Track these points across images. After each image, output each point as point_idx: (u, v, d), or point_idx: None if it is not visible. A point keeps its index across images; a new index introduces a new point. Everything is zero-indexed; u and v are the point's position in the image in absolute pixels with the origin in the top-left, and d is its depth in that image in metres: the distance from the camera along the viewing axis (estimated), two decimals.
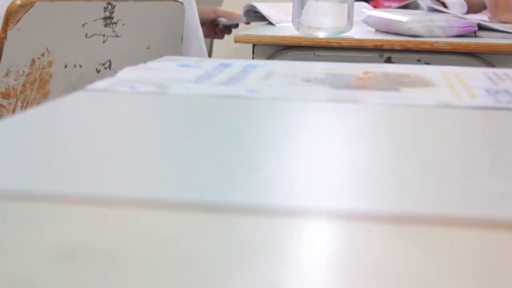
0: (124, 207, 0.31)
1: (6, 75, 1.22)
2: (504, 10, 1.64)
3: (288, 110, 0.57)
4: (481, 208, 0.33)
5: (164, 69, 0.74)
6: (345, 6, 1.45)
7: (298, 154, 0.44)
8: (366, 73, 0.77)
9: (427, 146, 0.46)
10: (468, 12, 2.19)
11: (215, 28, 2.03)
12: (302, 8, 1.46)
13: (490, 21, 1.64)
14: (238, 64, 0.78)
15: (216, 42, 3.48)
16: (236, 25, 2.04)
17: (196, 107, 0.57)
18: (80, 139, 0.45)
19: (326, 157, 0.43)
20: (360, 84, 0.71)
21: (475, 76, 0.76)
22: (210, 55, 3.62)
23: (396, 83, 0.70)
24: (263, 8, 1.74)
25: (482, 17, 1.72)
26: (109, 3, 1.33)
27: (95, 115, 0.52)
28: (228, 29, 2.08)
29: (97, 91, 0.59)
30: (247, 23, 1.99)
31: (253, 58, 1.47)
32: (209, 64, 0.78)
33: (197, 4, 1.65)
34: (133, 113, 0.54)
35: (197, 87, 0.63)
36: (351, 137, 0.49)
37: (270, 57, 1.45)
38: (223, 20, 2.01)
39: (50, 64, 1.26)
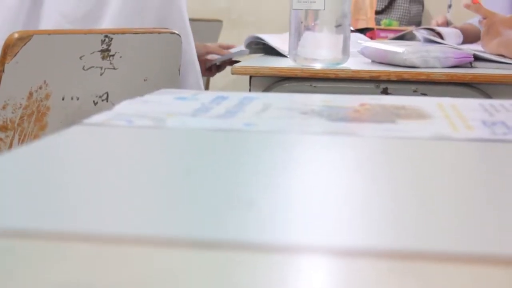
0: (119, 244, 0.31)
1: (4, 108, 1.22)
2: (494, 39, 1.65)
3: (285, 143, 0.57)
4: (479, 244, 0.32)
5: (161, 102, 0.74)
6: (342, 38, 1.46)
7: (295, 189, 0.44)
8: (362, 105, 0.77)
9: (424, 180, 0.46)
10: (464, 42, 2.21)
11: (206, 65, 2.02)
12: (299, 39, 1.47)
13: (483, 51, 1.65)
14: (235, 96, 0.78)
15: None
16: (229, 61, 2.04)
17: (193, 141, 0.57)
18: (78, 175, 0.45)
19: (323, 191, 0.43)
20: (356, 117, 0.71)
21: (471, 107, 0.76)
22: (207, 85, 3.64)
23: (393, 115, 0.70)
24: (270, 39, 1.74)
25: (477, 47, 1.73)
26: (106, 36, 1.33)
27: (92, 150, 0.52)
28: (220, 66, 2.08)
29: (95, 125, 0.59)
30: (234, 61, 1.99)
31: (250, 89, 1.48)
32: (206, 97, 0.78)
33: (194, 37, 1.66)
34: (130, 148, 0.54)
35: (194, 121, 0.64)
36: (348, 170, 0.49)
37: (267, 88, 1.46)
38: (215, 58, 2.01)
39: (47, 96, 1.26)
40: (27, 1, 1.45)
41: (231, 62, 2.05)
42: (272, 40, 1.73)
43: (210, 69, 2.03)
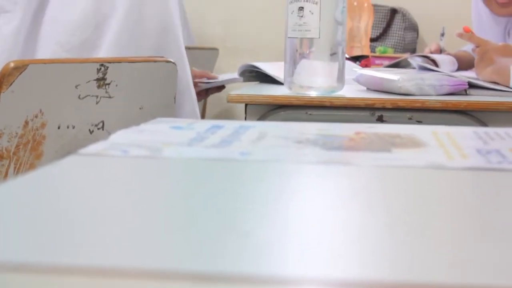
0: (114, 277, 0.31)
1: None
2: (488, 67, 1.66)
3: (280, 172, 0.57)
4: (475, 276, 0.32)
5: (156, 131, 0.74)
6: (337, 65, 1.47)
7: (291, 219, 0.44)
8: (357, 133, 0.77)
9: (420, 210, 0.46)
10: (458, 68, 2.22)
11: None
12: (294, 67, 1.47)
13: (478, 78, 1.66)
14: (230, 125, 0.79)
15: (209, 100, 3.50)
16: (218, 87, 2.05)
17: (189, 171, 0.57)
18: (74, 207, 0.45)
19: (318, 222, 0.43)
20: (351, 145, 0.71)
21: (466, 136, 0.76)
22: (203, 113, 3.64)
23: (388, 143, 0.71)
24: (264, 67, 1.74)
25: (472, 74, 1.74)
26: (102, 65, 1.34)
27: (88, 181, 0.52)
28: (208, 92, 2.08)
29: (90, 156, 0.59)
30: (221, 88, 2.00)
31: (245, 117, 1.48)
32: (201, 126, 0.78)
33: (191, 63, 1.66)
34: (126, 179, 0.54)
35: (190, 150, 0.64)
36: (343, 200, 0.50)
37: (263, 116, 1.46)
38: (204, 82, 2.01)
39: (43, 125, 1.26)
40: (24, 30, 1.45)
41: (219, 88, 2.07)
42: (267, 68, 1.74)
43: (199, 93, 2.03)
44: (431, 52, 2.30)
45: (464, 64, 2.29)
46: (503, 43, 1.77)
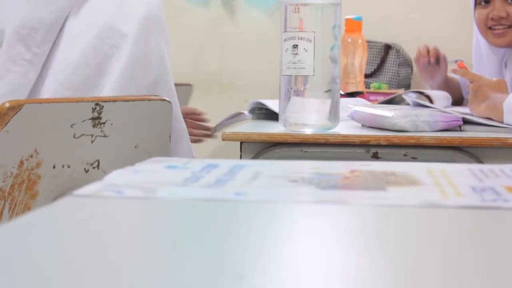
0: None
1: None
2: (481, 102, 1.66)
3: (276, 213, 0.57)
4: None
5: (151, 171, 0.74)
6: (331, 102, 1.47)
7: (286, 261, 0.43)
8: (352, 171, 0.77)
9: (415, 250, 0.46)
10: (453, 103, 2.23)
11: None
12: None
13: (472, 114, 1.67)
14: (225, 164, 0.79)
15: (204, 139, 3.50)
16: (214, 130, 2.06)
17: (183, 213, 0.57)
18: (69, 250, 0.45)
19: (314, 264, 0.43)
20: (346, 184, 0.71)
21: (461, 173, 0.76)
22: (198, 150, 3.64)
23: (383, 181, 0.71)
24: (272, 105, 1.74)
25: (465, 110, 1.75)
26: (97, 104, 1.34)
27: (83, 224, 0.52)
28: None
29: (85, 197, 0.59)
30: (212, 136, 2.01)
31: (240, 155, 1.48)
32: (196, 165, 0.78)
33: None
34: (120, 221, 0.54)
35: (185, 191, 0.64)
36: (339, 242, 0.49)
37: (258, 153, 1.46)
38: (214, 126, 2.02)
39: (38, 165, 1.26)
40: (33, 73, 1.47)
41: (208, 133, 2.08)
42: (274, 105, 1.73)
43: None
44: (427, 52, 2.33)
45: (452, 89, 2.31)
46: (497, 78, 1.78)
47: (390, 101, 2.08)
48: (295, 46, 1.44)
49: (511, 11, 2.19)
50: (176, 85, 1.64)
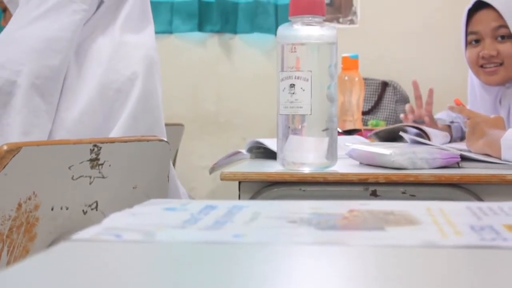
0: None
1: None
2: (479, 139, 1.67)
3: (275, 255, 0.57)
4: None
5: (150, 213, 0.74)
6: (329, 141, 1.47)
7: None
8: (351, 211, 0.77)
9: None
10: (451, 140, 2.23)
11: None
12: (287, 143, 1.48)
13: (469, 150, 1.67)
14: (224, 205, 0.79)
15: (203, 177, 3.50)
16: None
17: (182, 256, 0.57)
18: None
19: None
20: (345, 224, 0.71)
21: (459, 211, 0.76)
22: (197, 190, 3.64)
23: (382, 221, 0.70)
24: (270, 144, 1.75)
25: (463, 146, 1.75)
26: (95, 145, 1.34)
27: (81, 269, 0.52)
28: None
29: (83, 241, 0.59)
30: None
31: (239, 195, 1.48)
32: (195, 206, 0.78)
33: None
34: (119, 266, 0.54)
35: (183, 233, 0.63)
36: (338, 283, 0.49)
37: (256, 193, 1.46)
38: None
39: (36, 207, 1.26)
40: (50, 124, 1.48)
41: None
42: (272, 144, 1.74)
43: None
44: (420, 116, 2.33)
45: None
46: (494, 115, 1.79)
47: (390, 134, 2.08)
48: (292, 86, 1.45)
49: (502, 49, 2.21)
50: (167, 124, 1.66)
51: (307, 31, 1.47)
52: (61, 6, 1.57)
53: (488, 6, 2.23)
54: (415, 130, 2.04)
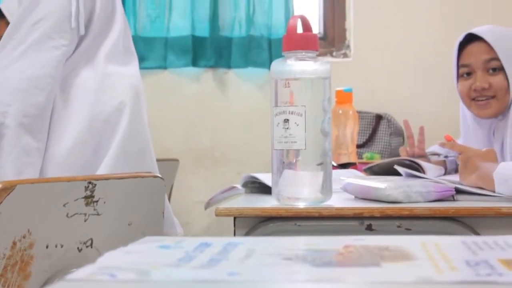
0: None
1: None
2: (472, 173, 1.67)
3: None
4: None
5: (144, 252, 0.74)
6: (324, 175, 1.47)
7: None
8: (346, 247, 0.77)
9: None
10: (446, 173, 2.24)
11: None
12: (281, 178, 1.48)
13: (461, 182, 1.68)
14: (218, 242, 0.78)
15: (198, 212, 3.49)
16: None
17: None
18: None
19: None
20: (341, 260, 0.71)
21: (454, 246, 0.76)
22: (193, 225, 3.63)
23: (377, 257, 0.70)
24: (265, 178, 1.75)
25: (457, 179, 1.75)
26: (90, 182, 1.34)
27: None
28: None
29: (77, 281, 0.59)
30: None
31: (234, 230, 1.48)
32: (189, 244, 0.78)
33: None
34: None
35: (178, 272, 0.63)
36: None
37: (252, 229, 1.46)
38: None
39: (31, 245, 1.26)
40: (41, 160, 1.49)
41: None
42: (267, 179, 1.74)
43: None
44: (413, 155, 2.33)
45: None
46: (486, 148, 1.79)
47: (379, 167, 2.09)
48: (286, 121, 1.45)
49: (493, 81, 2.22)
50: (162, 160, 1.66)
51: (300, 66, 1.48)
52: (39, 43, 1.59)
53: (479, 39, 2.25)
54: (409, 164, 2.04)
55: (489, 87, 2.22)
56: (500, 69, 2.22)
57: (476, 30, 2.27)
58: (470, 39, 2.28)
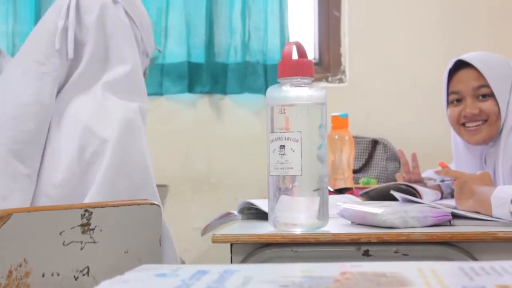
0: None
1: None
2: (468, 198, 1.68)
3: None
4: None
5: (141, 280, 0.73)
6: (320, 201, 1.47)
7: None
8: (343, 273, 0.77)
9: None
10: (442, 197, 2.24)
11: None
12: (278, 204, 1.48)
13: (457, 207, 1.68)
14: (215, 270, 0.78)
15: (195, 239, 3.48)
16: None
17: None
18: None
19: None
20: (338, 287, 0.71)
21: (451, 272, 0.76)
22: (189, 252, 3.62)
23: (374, 283, 0.70)
24: (261, 204, 1.74)
25: (453, 203, 1.75)
26: (86, 210, 1.34)
27: None
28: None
29: None
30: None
31: (231, 257, 1.47)
32: (186, 272, 0.78)
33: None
34: None
35: None
36: None
37: (249, 255, 1.46)
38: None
39: (27, 274, 1.25)
40: (33, 187, 1.49)
41: None
42: (263, 205, 1.74)
43: None
44: (410, 180, 2.33)
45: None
46: (480, 172, 1.79)
47: (375, 192, 2.09)
48: (282, 147, 1.45)
49: (483, 107, 2.23)
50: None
51: (296, 92, 1.48)
52: (29, 69, 1.59)
53: (469, 65, 2.26)
54: (406, 188, 2.04)
55: (479, 113, 2.23)
56: (490, 95, 2.23)
57: (465, 57, 2.29)
58: (460, 65, 2.30)
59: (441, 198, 2.23)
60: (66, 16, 1.65)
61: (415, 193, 1.98)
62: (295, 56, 1.54)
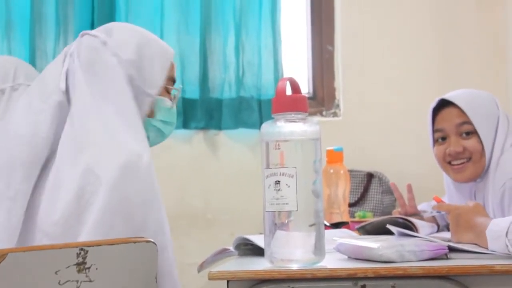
0: None
1: None
2: (465, 231, 1.68)
3: None
4: None
5: None
6: (316, 236, 1.47)
7: None
8: None
9: None
10: (439, 229, 2.24)
11: None
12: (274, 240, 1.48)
13: (453, 240, 1.68)
14: None
15: (191, 275, 3.47)
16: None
17: None
18: None
19: None
20: None
21: None
22: (186, 284, 3.60)
23: None
24: (258, 240, 1.74)
25: (449, 235, 1.75)
26: (81, 249, 1.33)
27: None
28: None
29: None
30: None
31: None
32: None
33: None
34: None
35: None
36: None
37: None
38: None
39: None
40: (20, 209, 1.49)
41: None
42: (259, 240, 1.73)
43: None
44: (406, 213, 2.33)
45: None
46: (472, 203, 1.79)
47: (371, 226, 2.08)
48: (278, 182, 1.46)
49: (467, 145, 2.24)
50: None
51: (290, 127, 1.49)
52: (30, 104, 1.61)
53: (451, 104, 2.28)
54: (402, 222, 2.04)
55: (463, 151, 2.25)
56: (473, 132, 2.25)
57: (448, 96, 2.32)
58: (443, 104, 2.32)
59: (437, 230, 2.23)
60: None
61: (411, 227, 1.98)
62: (289, 91, 1.55)
